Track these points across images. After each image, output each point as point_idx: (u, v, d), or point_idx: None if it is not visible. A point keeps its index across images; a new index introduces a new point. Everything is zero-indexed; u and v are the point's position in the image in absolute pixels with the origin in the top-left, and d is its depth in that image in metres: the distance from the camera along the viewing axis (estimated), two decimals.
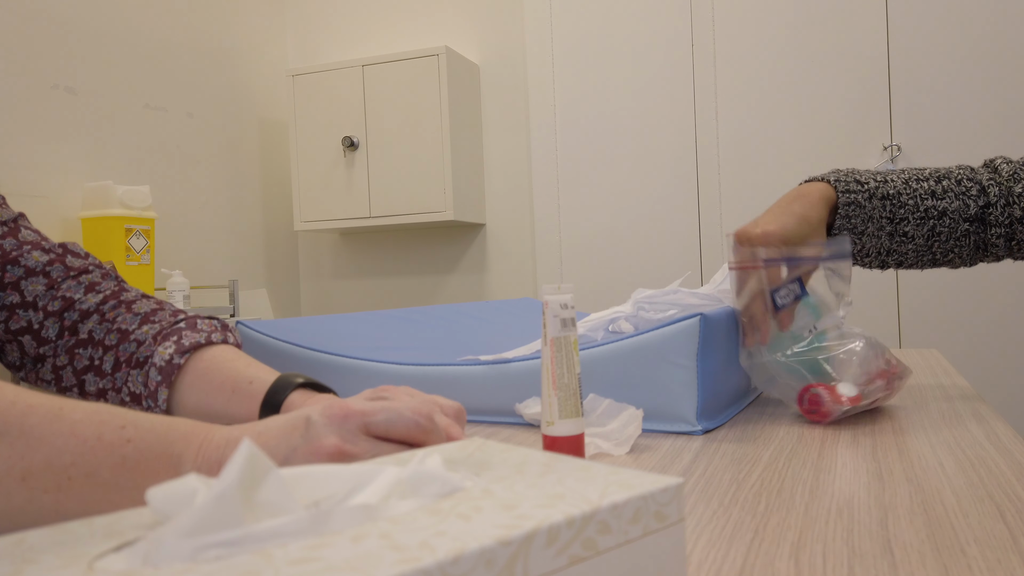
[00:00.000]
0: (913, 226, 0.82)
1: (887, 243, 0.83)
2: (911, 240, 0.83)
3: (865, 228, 0.82)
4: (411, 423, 0.48)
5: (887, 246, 0.83)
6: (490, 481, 0.31)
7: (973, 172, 0.85)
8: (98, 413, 0.42)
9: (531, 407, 0.74)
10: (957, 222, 0.83)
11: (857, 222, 0.81)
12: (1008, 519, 0.43)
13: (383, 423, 0.48)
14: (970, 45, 2.41)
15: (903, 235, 0.83)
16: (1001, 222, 0.83)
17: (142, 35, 2.66)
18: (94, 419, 0.42)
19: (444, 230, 3.14)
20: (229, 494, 0.25)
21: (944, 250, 0.84)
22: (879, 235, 0.83)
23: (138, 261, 2.33)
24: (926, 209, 0.82)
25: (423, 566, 0.22)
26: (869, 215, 0.81)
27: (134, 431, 0.42)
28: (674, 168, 2.74)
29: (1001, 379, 2.40)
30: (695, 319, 0.69)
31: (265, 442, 0.47)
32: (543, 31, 2.89)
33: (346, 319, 1.07)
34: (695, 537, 0.42)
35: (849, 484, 0.51)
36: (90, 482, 0.40)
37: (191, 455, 0.44)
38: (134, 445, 0.42)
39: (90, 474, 0.40)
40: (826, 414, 0.71)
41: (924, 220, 0.82)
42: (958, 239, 0.84)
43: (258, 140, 3.20)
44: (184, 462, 0.44)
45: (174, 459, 0.43)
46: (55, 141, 2.34)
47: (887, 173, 0.86)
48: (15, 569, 0.24)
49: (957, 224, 0.83)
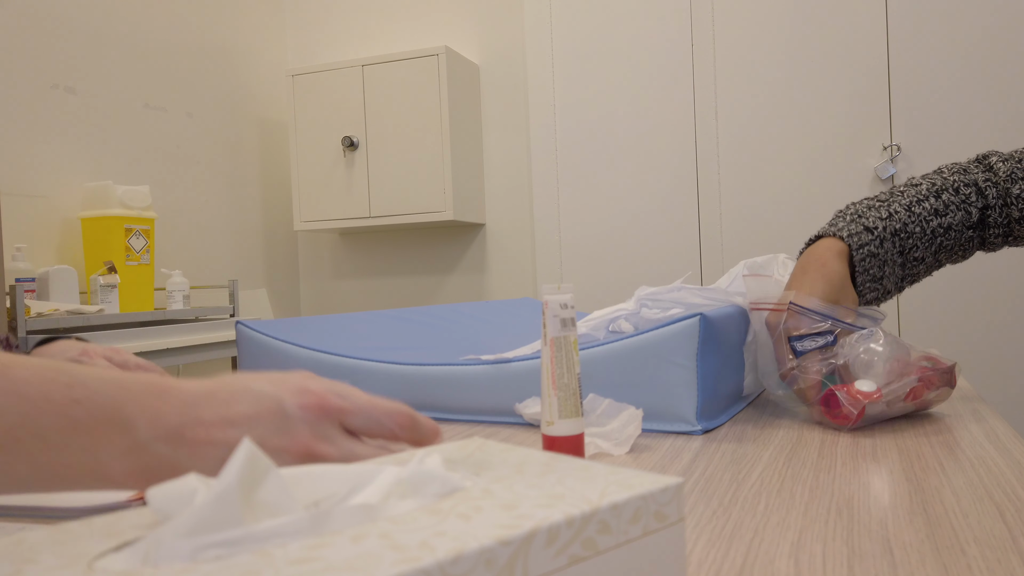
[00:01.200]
0: (922, 250, 0.83)
1: (900, 272, 0.83)
2: (922, 262, 0.84)
3: (883, 273, 0.82)
4: (394, 424, 0.45)
5: (900, 274, 0.84)
6: (490, 481, 0.31)
7: (966, 174, 0.84)
8: (45, 371, 0.40)
9: (531, 407, 0.74)
10: (961, 232, 0.83)
11: (875, 271, 0.82)
12: (1008, 519, 0.43)
13: (363, 424, 0.45)
14: (970, 45, 2.41)
15: (914, 260, 0.83)
16: (999, 223, 0.83)
17: (142, 35, 2.66)
18: (40, 377, 0.39)
19: (444, 230, 3.14)
20: (229, 494, 0.25)
21: (951, 258, 0.86)
22: (896, 272, 0.83)
23: (138, 261, 2.33)
24: (932, 231, 0.83)
25: (423, 566, 0.22)
26: (884, 260, 0.82)
27: (82, 391, 0.40)
28: (674, 168, 2.74)
29: (1001, 379, 2.40)
30: (695, 319, 0.69)
31: None
32: (543, 31, 2.89)
33: (346, 319, 1.07)
34: (695, 537, 0.42)
35: (849, 484, 0.51)
36: (39, 444, 0.39)
37: (146, 421, 0.41)
38: (83, 407, 0.39)
39: (38, 435, 0.39)
40: (847, 415, 0.68)
41: (931, 240, 0.83)
42: (963, 245, 0.84)
43: (258, 140, 3.20)
44: (137, 428, 0.40)
45: (126, 423, 0.40)
46: (55, 141, 2.33)
47: (888, 200, 0.85)
48: (15, 569, 0.24)
49: (961, 234, 0.84)
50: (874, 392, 0.68)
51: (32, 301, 2.02)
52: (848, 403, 0.67)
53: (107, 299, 2.19)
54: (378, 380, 0.84)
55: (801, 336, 0.74)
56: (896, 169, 2.47)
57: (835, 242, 0.82)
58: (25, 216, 2.24)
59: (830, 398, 0.69)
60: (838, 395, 0.68)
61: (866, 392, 0.68)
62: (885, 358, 0.70)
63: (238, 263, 3.07)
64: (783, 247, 2.61)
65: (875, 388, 0.68)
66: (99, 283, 2.19)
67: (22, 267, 2.08)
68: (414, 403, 0.83)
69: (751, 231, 2.65)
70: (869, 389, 0.68)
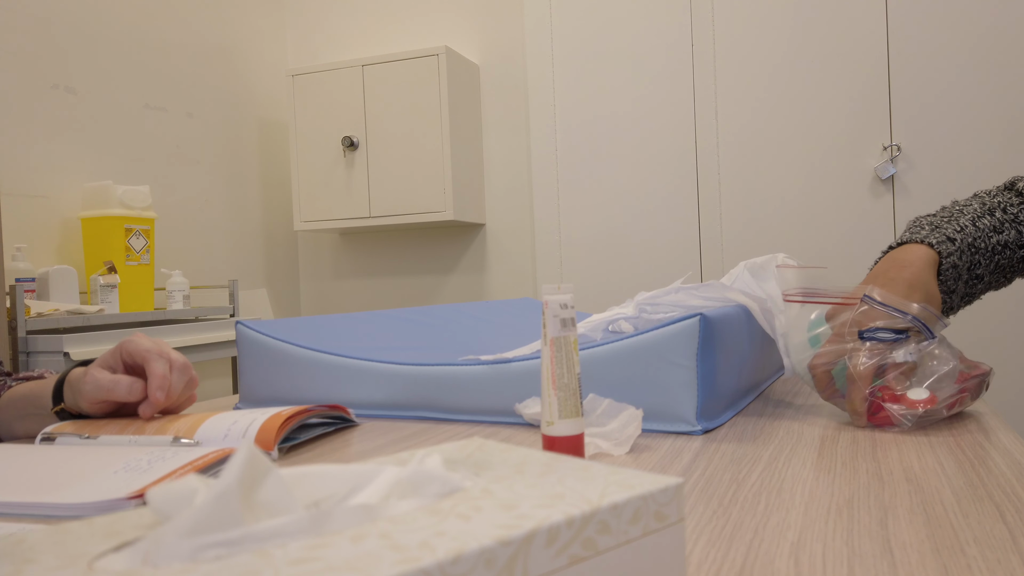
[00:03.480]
0: (984, 267, 0.80)
1: (963, 289, 0.80)
2: (981, 280, 0.81)
3: (955, 287, 0.78)
4: None
5: (963, 291, 0.80)
6: (490, 481, 0.31)
7: (1005, 195, 0.84)
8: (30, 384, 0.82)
9: (531, 407, 0.74)
10: (1014, 251, 0.81)
11: (951, 284, 0.78)
12: (1008, 519, 0.43)
13: None
14: (970, 45, 2.41)
15: (976, 278, 0.80)
16: None
17: (142, 35, 2.66)
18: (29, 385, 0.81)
19: (444, 230, 3.14)
20: (229, 494, 0.25)
21: (1000, 281, 0.83)
22: (959, 287, 0.80)
23: (138, 261, 2.33)
24: (992, 247, 0.80)
25: (423, 566, 0.22)
26: (959, 274, 0.78)
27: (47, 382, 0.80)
28: (674, 168, 2.74)
29: (1001, 379, 2.40)
30: (695, 319, 0.69)
31: None
32: (543, 31, 2.89)
33: (346, 319, 1.07)
34: (695, 537, 0.42)
35: (849, 484, 0.51)
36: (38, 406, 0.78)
37: None
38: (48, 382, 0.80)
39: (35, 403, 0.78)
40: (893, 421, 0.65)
41: (991, 258, 0.80)
42: (1014, 266, 0.82)
43: (258, 140, 3.20)
44: None
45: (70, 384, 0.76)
46: (55, 141, 2.34)
47: (956, 214, 0.82)
48: (15, 569, 0.24)
49: (1014, 253, 0.81)
50: (927, 400, 0.65)
51: (32, 301, 2.02)
52: (900, 414, 0.64)
53: (107, 299, 2.19)
54: (378, 380, 0.84)
55: (874, 330, 0.69)
56: (896, 169, 2.47)
57: (923, 249, 0.76)
58: (25, 216, 2.24)
59: (876, 404, 0.66)
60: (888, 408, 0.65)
61: (921, 400, 0.65)
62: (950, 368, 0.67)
63: (238, 263, 3.07)
64: (783, 247, 2.61)
65: (928, 395, 0.65)
66: (99, 283, 2.19)
67: (22, 267, 2.08)
68: (414, 403, 0.83)
69: (751, 231, 2.65)
70: (921, 397, 0.65)
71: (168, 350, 0.75)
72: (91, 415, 0.75)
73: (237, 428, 0.66)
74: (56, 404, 0.76)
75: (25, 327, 1.94)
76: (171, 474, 0.54)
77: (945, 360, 0.67)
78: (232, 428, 0.66)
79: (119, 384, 0.71)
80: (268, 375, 0.90)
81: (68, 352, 1.92)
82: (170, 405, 0.75)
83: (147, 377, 0.72)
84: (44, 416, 0.77)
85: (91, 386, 0.72)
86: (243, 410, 0.71)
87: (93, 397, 0.72)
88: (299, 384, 0.88)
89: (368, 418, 0.84)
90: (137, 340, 0.75)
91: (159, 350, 0.74)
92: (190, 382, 0.76)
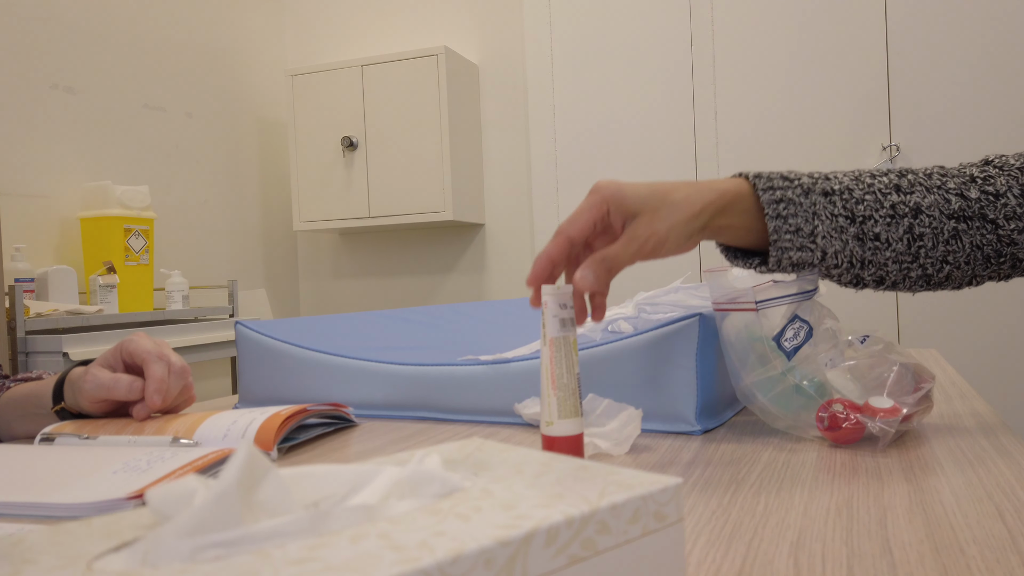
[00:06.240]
0: (883, 226, 0.66)
1: (858, 250, 0.67)
2: (887, 246, 0.67)
3: (814, 228, 0.65)
4: None
5: (859, 254, 0.67)
6: (489, 481, 0.31)
7: (947, 168, 0.71)
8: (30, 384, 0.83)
9: (530, 407, 0.74)
10: (940, 221, 0.67)
11: (798, 222, 0.65)
12: (1007, 519, 0.43)
13: None
14: (969, 45, 2.41)
15: (874, 238, 0.66)
16: (1020, 214, 0.67)
17: (141, 35, 2.66)
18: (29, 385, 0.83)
19: (443, 230, 3.14)
20: (228, 494, 0.25)
21: (935, 260, 0.67)
22: (842, 237, 0.66)
23: (137, 261, 2.33)
24: (892, 205, 0.66)
25: (422, 566, 0.22)
26: (813, 213, 0.66)
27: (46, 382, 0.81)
28: (673, 168, 2.74)
29: (1001, 379, 2.40)
30: (694, 319, 0.69)
31: None
32: (542, 31, 2.89)
33: (346, 319, 1.07)
34: (694, 537, 0.42)
35: (848, 484, 0.51)
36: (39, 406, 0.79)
37: None
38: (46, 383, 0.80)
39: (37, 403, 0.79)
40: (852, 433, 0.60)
41: (894, 219, 0.66)
42: (947, 242, 0.67)
43: (257, 140, 3.19)
44: None
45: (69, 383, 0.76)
46: (54, 141, 2.33)
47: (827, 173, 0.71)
48: (14, 569, 0.24)
49: (941, 223, 0.67)
50: (894, 409, 0.60)
51: (31, 301, 2.02)
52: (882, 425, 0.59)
53: (106, 299, 2.19)
54: (378, 380, 0.84)
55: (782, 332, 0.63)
56: None
57: (732, 180, 0.66)
58: (24, 216, 2.24)
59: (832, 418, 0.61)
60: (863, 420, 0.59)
61: (887, 409, 0.60)
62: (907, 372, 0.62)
63: (237, 263, 3.07)
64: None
65: (891, 404, 0.60)
66: (98, 283, 2.19)
67: (21, 267, 2.08)
68: (414, 403, 0.83)
69: None
70: (885, 406, 0.60)
71: (168, 352, 0.75)
72: (91, 414, 0.75)
73: (236, 428, 0.66)
74: (56, 403, 0.76)
75: (24, 327, 1.94)
76: (170, 474, 0.54)
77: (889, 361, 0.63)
78: (231, 428, 0.66)
79: (119, 383, 0.72)
80: (267, 375, 0.90)
81: (67, 352, 1.92)
82: (165, 408, 0.76)
83: (145, 379, 0.73)
84: (44, 416, 0.77)
85: (91, 385, 0.72)
86: (242, 410, 0.71)
87: (93, 396, 0.72)
88: (298, 384, 0.88)
89: (367, 418, 0.84)
90: (138, 340, 0.75)
91: (159, 352, 0.74)
92: (186, 387, 0.76)
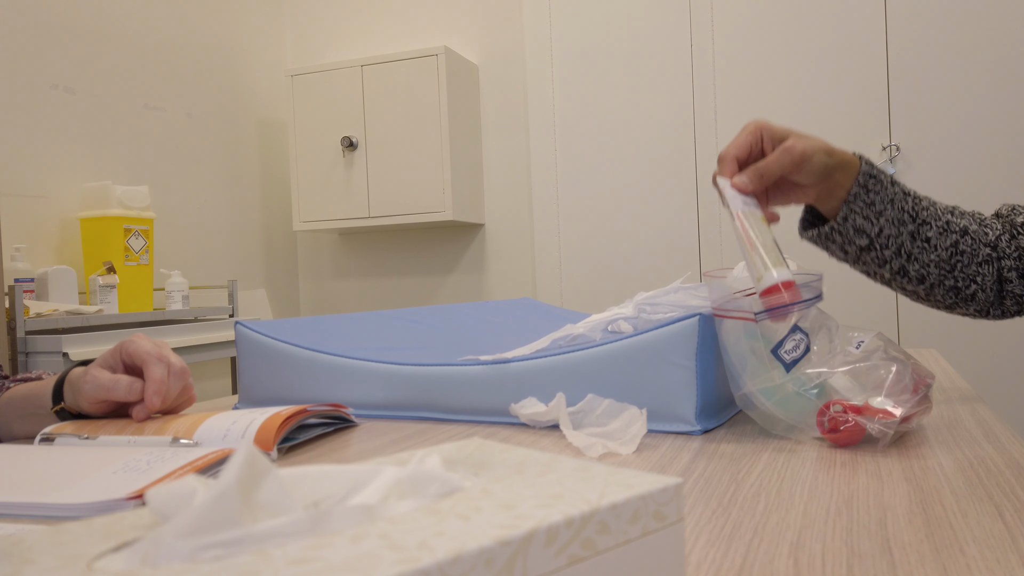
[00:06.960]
0: (936, 233, 0.77)
1: (908, 245, 0.77)
2: (934, 250, 0.77)
3: (884, 209, 0.76)
4: None
5: (908, 248, 0.77)
6: (489, 481, 0.31)
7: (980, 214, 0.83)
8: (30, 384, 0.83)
9: (527, 407, 0.74)
10: (978, 244, 0.77)
11: (877, 199, 0.75)
12: (1007, 519, 0.43)
13: None
14: (969, 45, 2.41)
15: (925, 240, 0.77)
16: (1009, 254, 0.78)
17: (141, 35, 2.66)
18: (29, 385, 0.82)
19: (443, 230, 3.14)
20: (228, 494, 0.25)
21: (966, 276, 0.78)
22: (900, 229, 0.77)
23: (137, 261, 2.33)
24: (947, 222, 0.77)
25: (422, 566, 0.22)
26: (891, 198, 0.76)
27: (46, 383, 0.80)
28: (673, 168, 2.74)
29: (1000, 379, 2.40)
30: (694, 319, 0.69)
31: None
32: (542, 31, 2.89)
33: (345, 319, 1.07)
34: (694, 537, 0.42)
35: (848, 484, 0.51)
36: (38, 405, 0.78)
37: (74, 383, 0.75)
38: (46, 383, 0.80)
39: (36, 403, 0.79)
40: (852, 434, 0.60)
41: (946, 232, 0.77)
42: (980, 264, 0.78)
43: (257, 140, 3.19)
44: None
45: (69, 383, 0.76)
46: (54, 141, 2.33)
47: None
48: (14, 569, 0.24)
49: (979, 247, 0.77)
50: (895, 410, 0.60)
51: (31, 301, 2.02)
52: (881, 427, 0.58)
53: (106, 299, 2.19)
54: (377, 380, 0.84)
55: (781, 343, 0.64)
56: (895, 169, 2.48)
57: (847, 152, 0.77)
58: (24, 216, 2.24)
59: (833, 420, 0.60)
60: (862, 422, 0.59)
61: (888, 411, 0.60)
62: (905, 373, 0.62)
63: (237, 263, 3.07)
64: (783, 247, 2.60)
65: (890, 405, 0.60)
66: (98, 283, 2.19)
67: (21, 267, 2.08)
68: (413, 403, 0.83)
69: None
70: (885, 407, 0.60)
71: (168, 353, 0.75)
72: (91, 414, 0.75)
73: (236, 428, 0.66)
74: (56, 403, 0.76)
75: (24, 327, 1.94)
76: (170, 474, 0.54)
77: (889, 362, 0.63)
78: (231, 428, 0.66)
79: (119, 384, 0.71)
80: (267, 375, 0.90)
81: (67, 352, 1.92)
82: (165, 409, 0.76)
83: (144, 380, 0.73)
84: (44, 416, 0.77)
85: (91, 385, 0.72)
86: (242, 410, 0.71)
87: (93, 396, 0.72)
88: (298, 384, 0.88)
89: (367, 418, 0.84)
90: (138, 341, 0.75)
91: (159, 353, 0.74)
92: (186, 387, 0.76)
